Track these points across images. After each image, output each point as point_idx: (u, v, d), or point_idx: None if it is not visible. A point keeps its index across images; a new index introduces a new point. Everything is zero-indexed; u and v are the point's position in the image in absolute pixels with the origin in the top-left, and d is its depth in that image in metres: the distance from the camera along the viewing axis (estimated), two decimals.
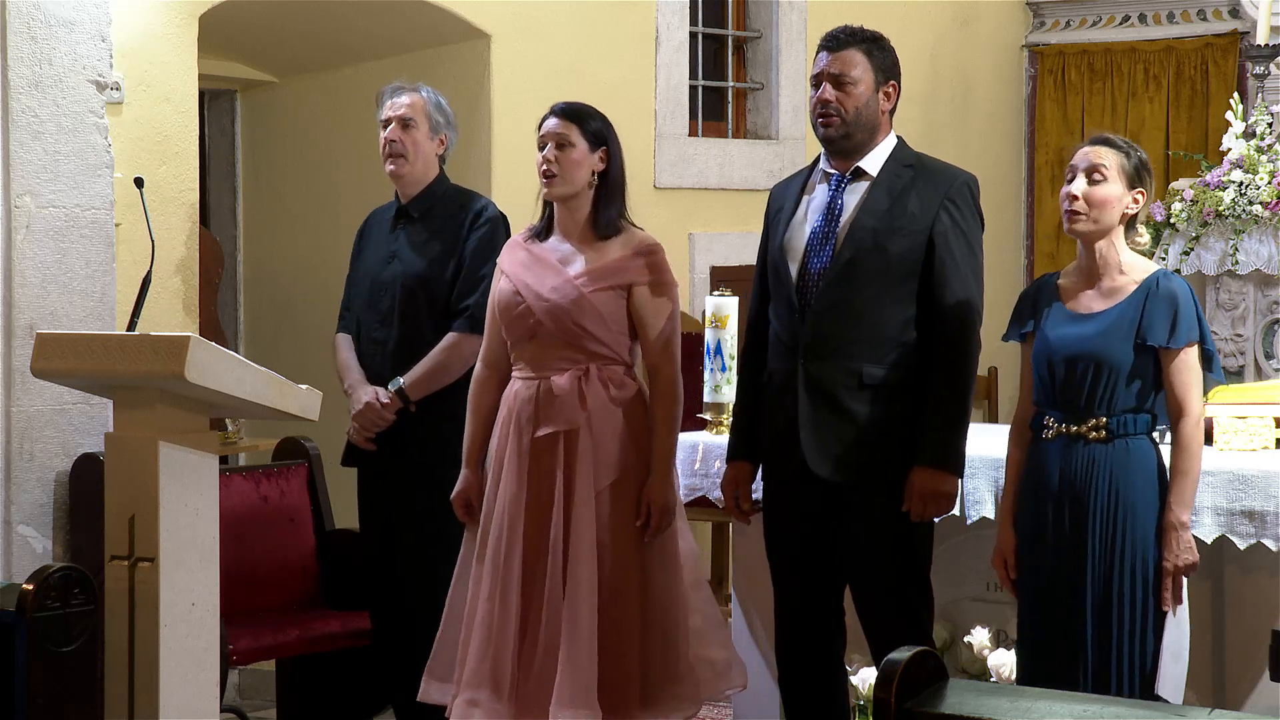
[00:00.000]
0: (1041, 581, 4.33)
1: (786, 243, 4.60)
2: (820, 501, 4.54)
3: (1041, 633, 4.33)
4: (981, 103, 9.08)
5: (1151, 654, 4.22)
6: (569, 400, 4.66)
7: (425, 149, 5.36)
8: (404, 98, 5.36)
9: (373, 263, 5.43)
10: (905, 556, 4.53)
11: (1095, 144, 4.34)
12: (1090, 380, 4.25)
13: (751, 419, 4.71)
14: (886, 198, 4.52)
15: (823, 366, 4.50)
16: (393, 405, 5.23)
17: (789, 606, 4.67)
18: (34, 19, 5.49)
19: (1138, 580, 4.21)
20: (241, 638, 5.32)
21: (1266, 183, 7.40)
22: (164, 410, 4.45)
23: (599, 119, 4.79)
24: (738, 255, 7.78)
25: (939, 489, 4.47)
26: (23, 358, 5.35)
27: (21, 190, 5.49)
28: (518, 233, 4.95)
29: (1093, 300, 4.31)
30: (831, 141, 4.56)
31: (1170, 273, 4.32)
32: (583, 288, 4.69)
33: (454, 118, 5.46)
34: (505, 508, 4.71)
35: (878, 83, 4.55)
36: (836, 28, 4.63)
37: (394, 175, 5.36)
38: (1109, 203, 4.27)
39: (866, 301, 4.49)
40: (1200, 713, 3.21)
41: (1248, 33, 8.28)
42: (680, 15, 7.72)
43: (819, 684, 4.67)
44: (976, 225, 4.58)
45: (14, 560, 5.46)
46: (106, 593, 4.42)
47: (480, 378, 4.88)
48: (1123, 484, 4.23)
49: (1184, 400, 4.22)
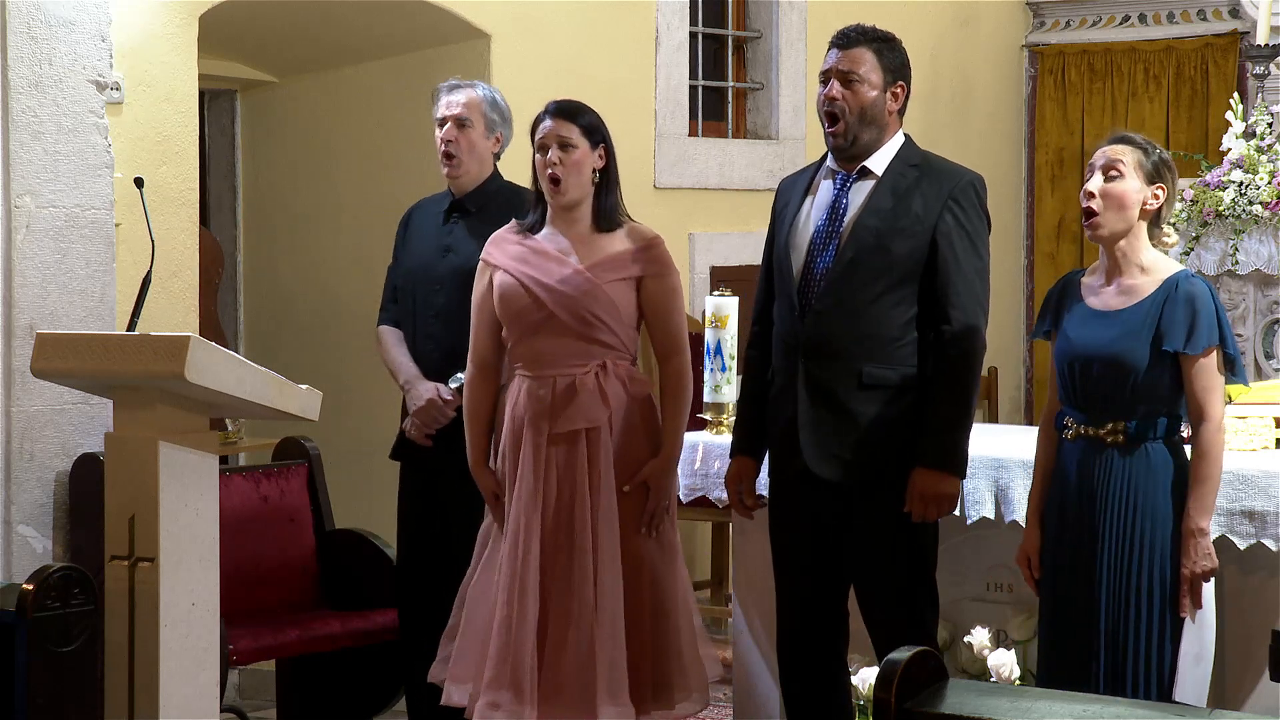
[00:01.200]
0: (1059, 582, 4.32)
1: (790, 241, 4.59)
2: (823, 501, 4.54)
3: (1058, 634, 4.32)
4: (981, 103, 9.08)
5: (1170, 660, 4.19)
6: (591, 397, 4.64)
7: (480, 148, 5.31)
8: (459, 95, 5.31)
9: (424, 256, 5.34)
10: (909, 557, 4.53)
11: (1113, 142, 4.31)
12: (1108, 382, 4.21)
13: (755, 414, 4.71)
14: (890, 197, 4.51)
15: (824, 366, 4.50)
16: (454, 402, 5.14)
17: (792, 607, 4.66)
18: (34, 19, 5.49)
19: (1155, 586, 4.18)
20: (241, 638, 5.31)
21: (1266, 183, 7.40)
22: (164, 410, 4.44)
23: (591, 113, 4.79)
24: (738, 255, 7.78)
25: (940, 490, 4.46)
26: (23, 358, 5.35)
27: (21, 190, 5.49)
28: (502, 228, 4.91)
29: (1111, 299, 4.27)
30: (840, 150, 4.55)
31: (1193, 274, 4.26)
32: (595, 278, 4.67)
33: (510, 114, 5.40)
34: (521, 509, 4.68)
35: (886, 82, 4.54)
36: (849, 26, 4.61)
37: (449, 176, 5.32)
38: (1126, 197, 4.24)
39: (868, 301, 4.48)
40: (1200, 713, 3.21)
41: (1248, 33, 8.28)
42: (680, 15, 7.72)
43: (821, 685, 4.67)
44: (982, 225, 4.56)
45: (14, 560, 5.46)
46: (106, 593, 4.42)
47: (474, 380, 4.84)
48: (1141, 490, 4.19)
49: (1204, 405, 4.18)
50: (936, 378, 4.47)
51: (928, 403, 4.47)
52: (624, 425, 4.68)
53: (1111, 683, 4.20)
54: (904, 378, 4.49)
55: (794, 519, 4.61)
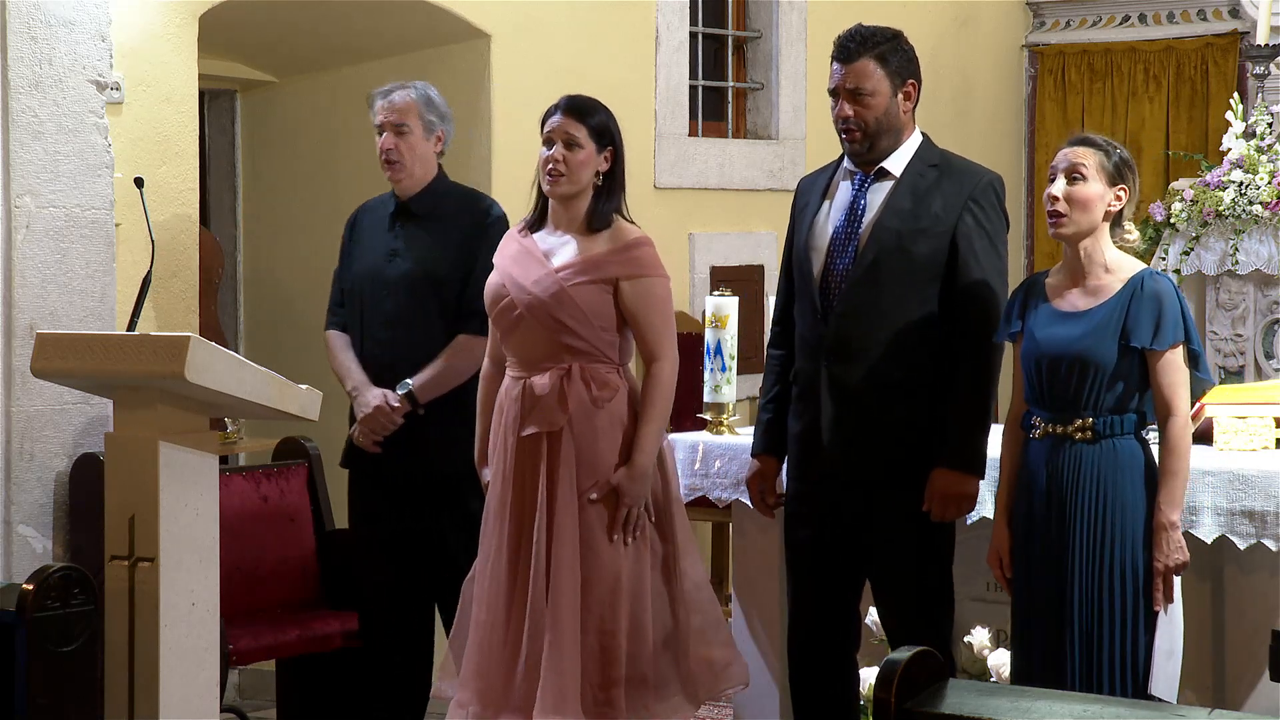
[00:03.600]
0: (1031, 580, 4.35)
1: (810, 242, 4.58)
2: (844, 501, 4.54)
3: (1031, 631, 4.35)
4: (981, 103, 9.08)
5: (1144, 654, 4.23)
6: (549, 401, 4.61)
7: (422, 150, 5.28)
8: (395, 99, 5.26)
9: (372, 260, 5.32)
10: (927, 557, 4.54)
11: (1074, 144, 4.35)
12: (1075, 380, 4.26)
13: (778, 414, 4.70)
14: (910, 198, 4.50)
15: (847, 368, 4.50)
16: (402, 408, 5.15)
17: (805, 606, 4.66)
18: (34, 19, 5.49)
19: (1127, 580, 4.23)
20: (241, 638, 5.32)
21: (1266, 183, 7.40)
22: (164, 410, 4.45)
23: (604, 113, 4.75)
24: (738, 255, 7.78)
25: (960, 490, 4.47)
26: (23, 358, 5.35)
27: (21, 190, 5.48)
28: (512, 226, 4.93)
29: (1078, 299, 4.32)
30: (857, 154, 4.54)
31: (1156, 272, 4.32)
32: (563, 281, 4.63)
33: (448, 109, 5.35)
34: (491, 512, 4.71)
35: (895, 86, 4.51)
36: (847, 33, 4.54)
37: (393, 181, 5.30)
38: (1090, 202, 4.28)
39: (890, 303, 4.48)
40: (1200, 713, 3.21)
41: (1248, 33, 8.28)
42: (680, 15, 7.72)
43: (831, 685, 4.67)
44: (1001, 225, 4.56)
45: (14, 560, 5.46)
46: (106, 593, 4.42)
47: (487, 374, 4.86)
48: (1110, 485, 4.24)
49: (1171, 401, 4.24)
50: (956, 378, 4.47)
51: (947, 403, 4.47)
52: (589, 430, 4.62)
53: (1086, 679, 4.22)
54: (925, 378, 4.49)
55: (814, 518, 4.60)
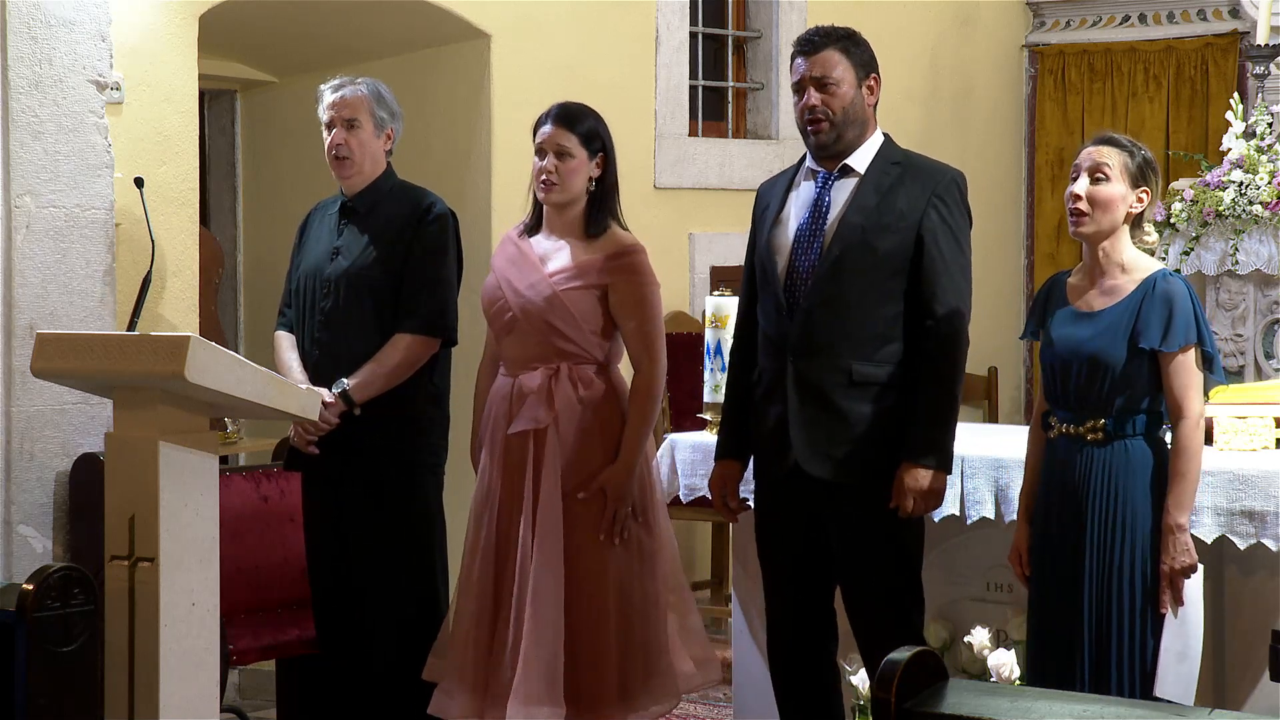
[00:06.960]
0: (1046, 579, 4.35)
1: (772, 241, 4.59)
2: (812, 500, 4.53)
3: (1045, 630, 4.35)
4: (981, 103, 9.08)
5: (1151, 655, 4.22)
6: (537, 399, 4.71)
7: (372, 147, 5.15)
8: (345, 94, 5.16)
9: (315, 259, 5.20)
10: (896, 554, 4.52)
11: (1099, 143, 4.34)
12: (1087, 381, 4.26)
13: (739, 418, 4.71)
14: (874, 195, 4.51)
15: (812, 364, 4.50)
16: (336, 408, 5.01)
17: (781, 608, 4.66)
18: (34, 19, 5.50)
19: (1136, 582, 4.22)
20: (241, 638, 5.32)
21: (1266, 183, 7.40)
22: (164, 410, 4.44)
23: (593, 119, 4.79)
24: (738, 255, 7.70)
25: (927, 485, 4.45)
26: (23, 358, 5.35)
27: (21, 190, 5.49)
28: (511, 227, 4.96)
29: (1094, 299, 4.32)
30: (824, 147, 4.55)
31: (1170, 273, 4.31)
32: (556, 285, 4.73)
33: (398, 107, 5.26)
34: (480, 504, 4.80)
35: (859, 79, 4.54)
36: (806, 31, 4.60)
37: (342, 178, 5.17)
38: (1112, 202, 4.28)
39: (855, 299, 4.48)
40: (1200, 713, 3.21)
41: (1248, 33, 8.28)
42: (680, 15, 7.73)
43: (813, 686, 4.67)
44: (965, 222, 4.56)
45: (14, 560, 5.46)
46: (106, 593, 4.42)
47: (484, 371, 4.97)
48: (1121, 486, 4.23)
49: (1182, 402, 4.22)
50: (923, 374, 4.47)
51: (914, 399, 4.47)
52: (577, 430, 4.71)
53: (1095, 678, 4.23)
54: (892, 374, 4.49)
55: (783, 517, 4.60)
